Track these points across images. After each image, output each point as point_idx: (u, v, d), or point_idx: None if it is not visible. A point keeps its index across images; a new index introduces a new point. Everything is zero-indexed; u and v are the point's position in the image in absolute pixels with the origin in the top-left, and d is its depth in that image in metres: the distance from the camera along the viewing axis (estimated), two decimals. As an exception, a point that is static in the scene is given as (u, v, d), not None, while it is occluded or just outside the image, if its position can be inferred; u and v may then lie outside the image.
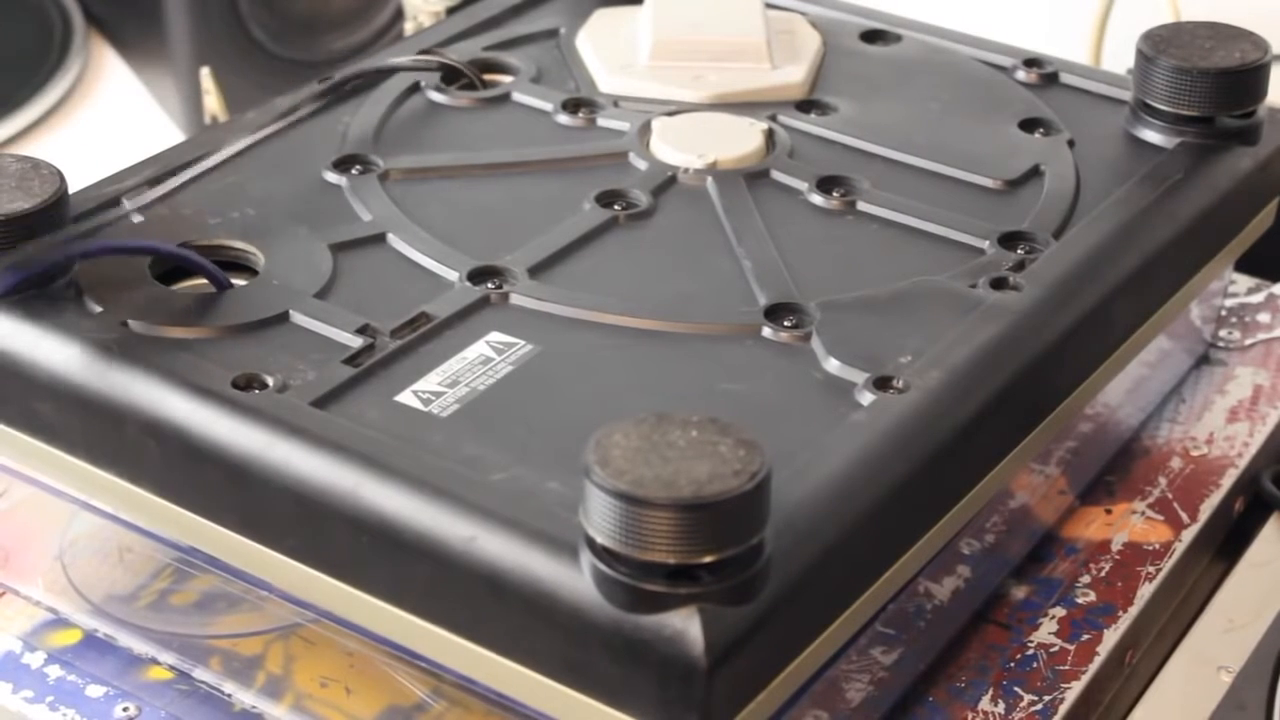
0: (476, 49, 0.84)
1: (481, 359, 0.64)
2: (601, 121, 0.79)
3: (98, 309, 0.65)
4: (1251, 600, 0.75)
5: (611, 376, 0.63)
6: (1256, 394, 0.84)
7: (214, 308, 0.65)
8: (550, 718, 0.57)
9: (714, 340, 0.65)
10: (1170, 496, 0.78)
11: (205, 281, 0.67)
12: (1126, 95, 0.80)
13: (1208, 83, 0.76)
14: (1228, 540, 0.79)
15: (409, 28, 1.24)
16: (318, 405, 0.61)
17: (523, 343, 0.64)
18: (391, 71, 0.81)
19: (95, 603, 0.71)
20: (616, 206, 0.72)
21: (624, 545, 0.52)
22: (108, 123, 1.27)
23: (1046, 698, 0.68)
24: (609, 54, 0.83)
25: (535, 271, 0.68)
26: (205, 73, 1.24)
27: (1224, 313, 0.88)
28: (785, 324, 0.65)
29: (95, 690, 0.68)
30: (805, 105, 0.80)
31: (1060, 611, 0.72)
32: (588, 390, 0.63)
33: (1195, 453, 0.80)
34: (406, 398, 0.62)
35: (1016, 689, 0.68)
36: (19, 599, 0.71)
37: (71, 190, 0.68)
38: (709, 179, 0.74)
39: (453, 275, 0.67)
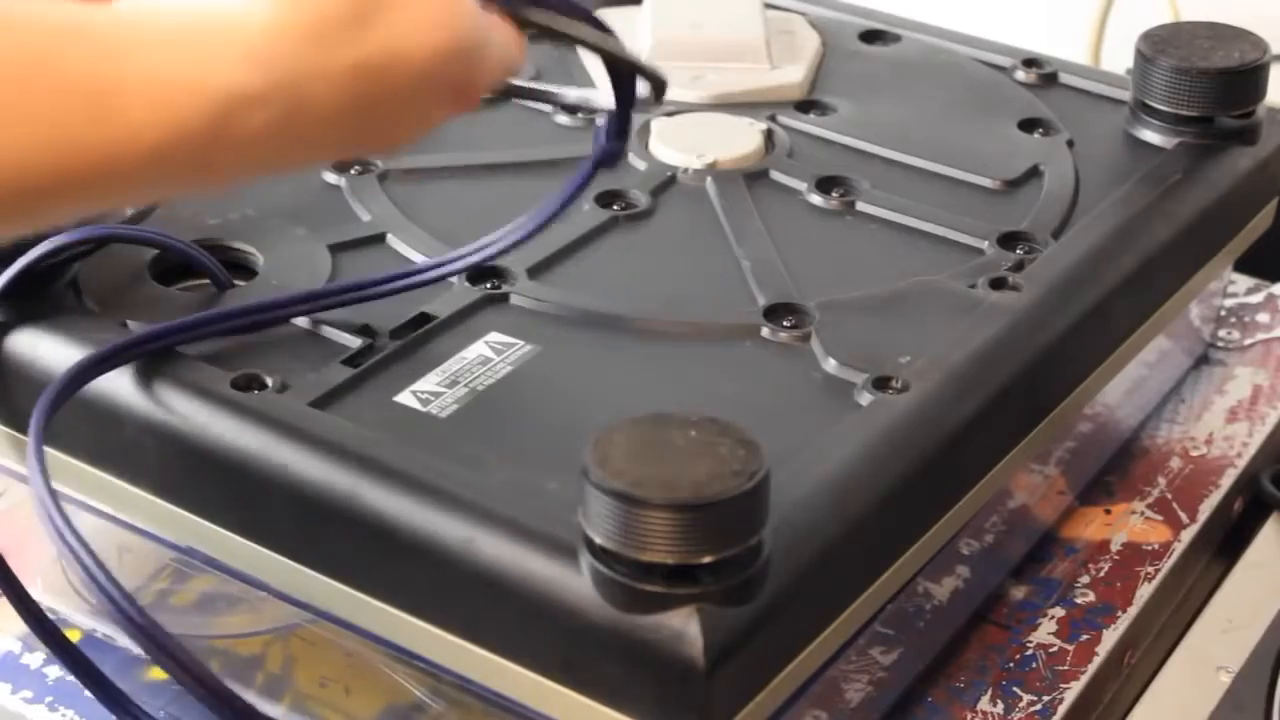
0: (476, 49, 0.84)
1: (481, 359, 0.64)
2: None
3: (97, 309, 0.65)
4: (1250, 600, 0.75)
5: (611, 376, 0.63)
6: (1256, 394, 0.84)
7: (213, 307, 0.65)
8: (550, 718, 0.57)
9: (714, 340, 0.65)
10: (1169, 497, 0.78)
11: (204, 282, 0.67)
12: (1126, 95, 0.80)
13: (1207, 83, 0.76)
14: (1227, 540, 0.79)
15: (409, 28, 1.24)
16: (317, 405, 0.61)
17: (522, 343, 0.64)
18: None
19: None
20: (616, 206, 0.72)
21: (623, 546, 0.52)
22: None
23: (1046, 698, 0.68)
24: (608, 54, 0.83)
25: (535, 272, 0.68)
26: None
27: (1223, 313, 0.88)
28: (785, 324, 0.65)
29: (95, 690, 0.68)
30: (804, 105, 0.80)
31: (1059, 612, 0.72)
32: (587, 390, 0.63)
33: (1194, 453, 0.80)
34: (406, 398, 0.62)
35: (1016, 689, 0.68)
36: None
37: (71, 190, 0.68)
38: (708, 179, 0.74)
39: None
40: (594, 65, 0.82)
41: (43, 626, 0.63)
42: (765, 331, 0.65)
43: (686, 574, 0.52)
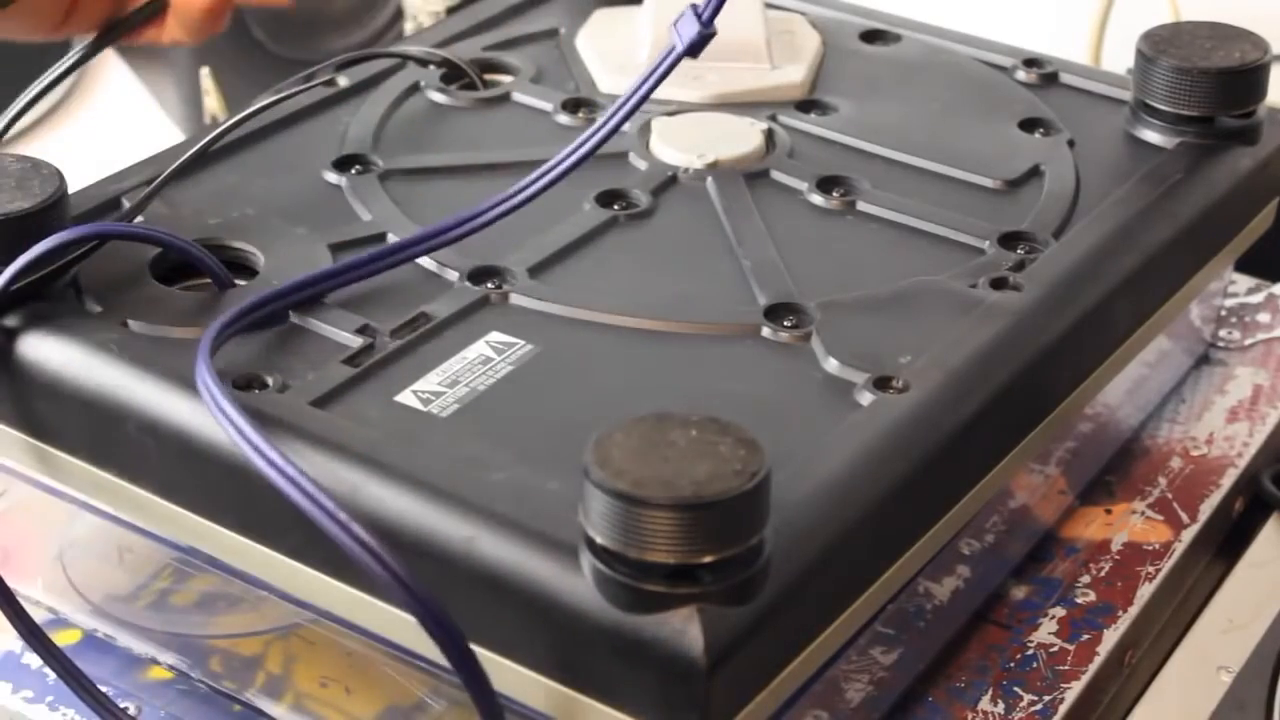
0: (476, 49, 0.84)
1: (481, 359, 0.64)
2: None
3: (98, 309, 0.65)
4: (1251, 600, 0.75)
5: (611, 376, 0.63)
6: (1256, 394, 0.84)
7: (214, 308, 0.65)
8: (550, 718, 0.57)
9: (714, 340, 0.65)
10: (1170, 496, 0.78)
11: (205, 281, 0.67)
12: (1126, 95, 0.80)
13: (1208, 83, 0.76)
14: (1227, 540, 0.79)
15: (409, 28, 1.24)
16: (318, 405, 0.61)
17: (523, 343, 0.64)
18: (400, 57, 0.82)
19: (95, 603, 0.71)
20: (616, 206, 0.73)
21: (624, 545, 0.52)
22: (108, 123, 1.27)
23: (1046, 698, 0.68)
24: (609, 54, 0.83)
25: (535, 271, 0.68)
26: (205, 73, 1.24)
27: (1224, 313, 0.88)
28: (785, 324, 0.65)
29: (95, 690, 0.68)
30: (805, 105, 0.80)
31: (1060, 611, 0.72)
32: (588, 390, 0.63)
33: (1195, 453, 0.80)
34: (406, 398, 0.62)
35: (1016, 689, 0.68)
36: (18, 599, 0.71)
37: (71, 190, 0.68)
38: (709, 179, 0.74)
39: (453, 275, 0.67)
40: (595, 62, 0.82)
41: (34, 635, 0.64)
42: (766, 331, 0.65)
43: (687, 574, 0.52)
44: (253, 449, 0.55)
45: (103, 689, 0.66)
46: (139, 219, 0.70)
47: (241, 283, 0.67)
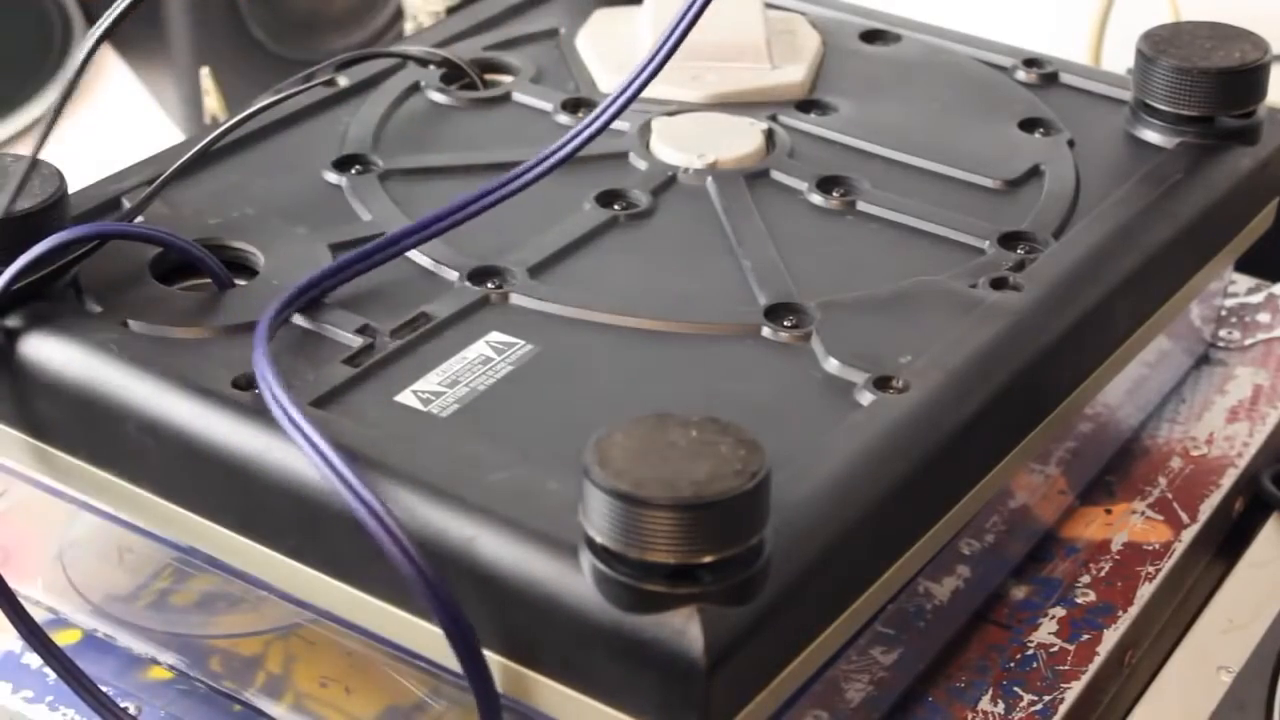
0: (476, 49, 0.84)
1: (481, 359, 0.64)
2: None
3: (98, 309, 0.65)
4: (1251, 600, 0.75)
5: (611, 376, 0.63)
6: (1256, 394, 0.84)
7: (214, 308, 0.65)
8: (550, 718, 0.57)
9: (714, 340, 0.65)
10: (1170, 496, 0.78)
11: (206, 281, 0.67)
12: (1126, 95, 0.80)
13: (1208, 83, 0.76)
14: (1227, 540, 0.79)
15: (409, 27, 1.24)
16: (318, 405, 0.61)
17: (523, 343, 0.64)
18: (399, 56, 0.82)
19: (95, 603, 0.71)
20: (616, 206, 0.73)
21: (624, 545, 0.52)
22: (108, 123, 1.27)
23: (1046, 698, 0.68)
24: (609, 54, 0.83)
25: (535, 271, 0.68)
26: (205, 73, 1.24)
27: (1224, 313, 0.88)
28: (785, 324, 0.65)
29: (95, 690, 0.68)
30: (805, 105, 0.80)
31: (1060, 611, 0.72)
32: (588, 390, 0.63)
33: (1195, 453, 0.80)
34: (406, 398, 0.62)
35: (1016, 689, 0.68)
36: (19, 599, 0.71)
37: (71, 190, 0.68)
38: (709, 179, 0.74)
39: (453, 275, 0.67)
40: (594, 62, 0.82)
41: (35, 636, 0.64)
42: (766, 331, 0.65)
43: (687, 574, 0.52)
44: (294, 427, 0.56)
45: (103, 689, 0.66)
46: (139, 219, 0.70)
47: (241, 283, 0.67)
